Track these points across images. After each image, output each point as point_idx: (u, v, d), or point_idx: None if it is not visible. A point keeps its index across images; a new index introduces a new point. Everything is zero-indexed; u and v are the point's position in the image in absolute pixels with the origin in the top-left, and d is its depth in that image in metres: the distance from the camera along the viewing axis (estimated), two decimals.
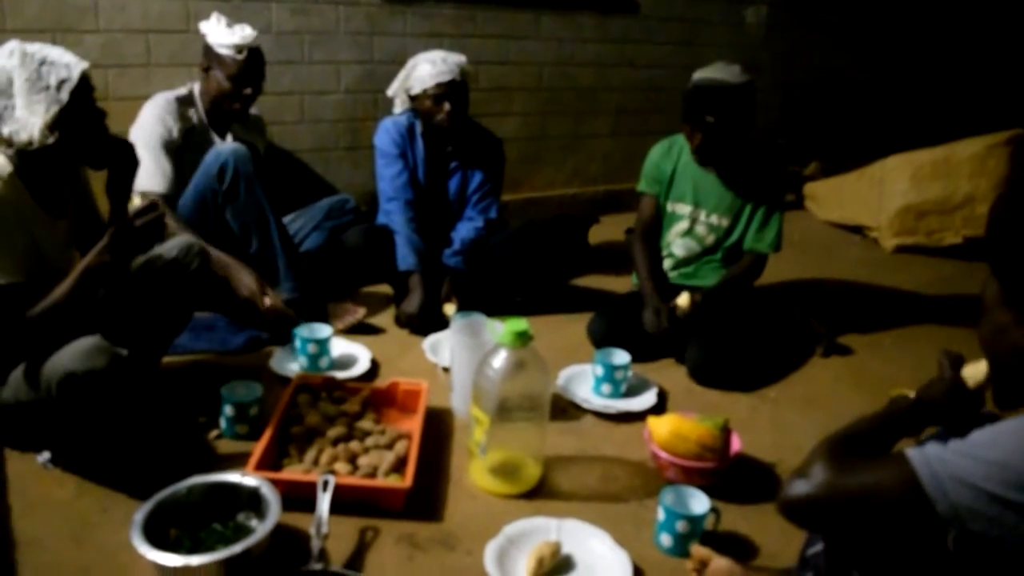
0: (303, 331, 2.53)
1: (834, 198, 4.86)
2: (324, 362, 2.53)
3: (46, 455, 1.97)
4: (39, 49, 1.85)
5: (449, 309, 2.88)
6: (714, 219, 2.87)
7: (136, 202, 1.99)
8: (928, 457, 1.10)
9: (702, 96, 2.66)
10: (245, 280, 2.72)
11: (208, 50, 2.88)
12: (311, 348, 2.50)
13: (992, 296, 1.22)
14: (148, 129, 2.84)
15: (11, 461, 1.99)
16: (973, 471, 1.06)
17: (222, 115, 2.98)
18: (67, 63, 1.86)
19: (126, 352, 1.87)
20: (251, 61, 2.88)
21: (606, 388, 2.47)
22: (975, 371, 1.41)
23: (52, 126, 1.84)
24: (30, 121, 1.82)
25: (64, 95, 1.84)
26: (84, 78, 1.88)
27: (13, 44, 1.84)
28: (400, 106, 3.08)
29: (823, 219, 4.89)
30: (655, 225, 2.96)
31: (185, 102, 2.96)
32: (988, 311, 1.23)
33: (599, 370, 2.48)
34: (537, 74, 4.30)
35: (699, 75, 2.72)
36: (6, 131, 1.83)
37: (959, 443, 1.11)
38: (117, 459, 1.98)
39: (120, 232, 1.88)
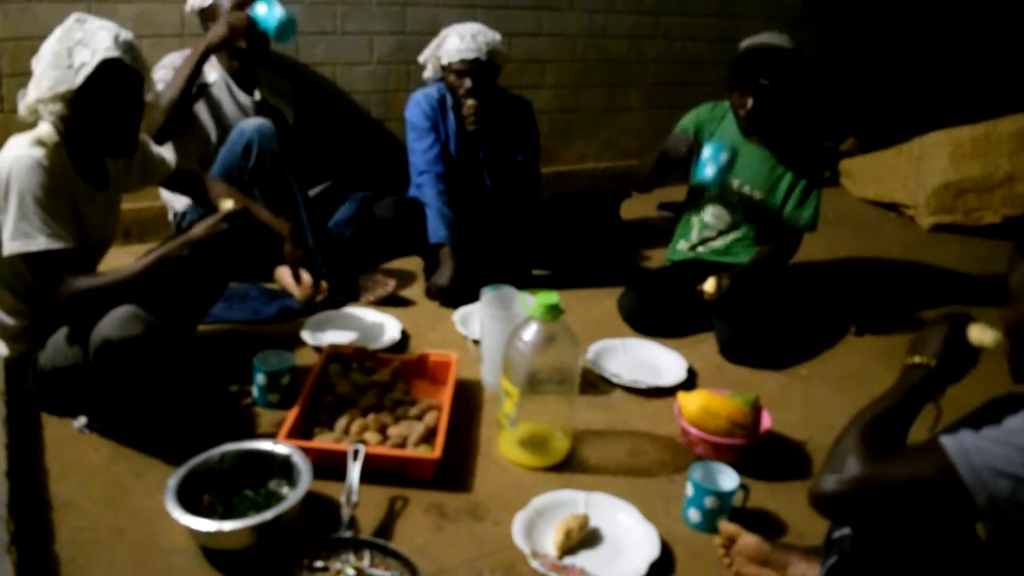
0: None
1: (870, 175, 4.77)
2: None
3: (82, 420, 2.01)
4: (91, 29, 1.84)
5: None
6: (746, 189, 2.83)
7: (228, 205, 2.01)
8: (965, 447, 1.08)
9: (755, 59, 2.64)
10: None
11: (203, 12, 2.86)
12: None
13: (1020, 283, 1.21)
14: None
15: (48, 426, 2.03)
16: (1011, 458, 1.04)
17: (243, 63, 2.93)
18: (95, 48, 1.81)
19: (161, 320, 1.89)
20: None
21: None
22: (982, 333, 1.33)
23: (71, 103, 1.84)
24: (30, 94, 1.85)
25: (79, 79, 1.81)
26: (106, 66, 1.82)
27: (81, 15, 1.85)
28: (431, 71, 3.05)
29: (858, 196, 4.81)
30: (675, 161, 2.73)
31: None
32: (1015, 297, 1.22)
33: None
34: (570, 46, 4.25)
35: (748, 42, 2.71)
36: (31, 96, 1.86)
37: (993, 430, 1.09)
38: (152, 425, 2.00)
39: (207, 231, 1.93)
